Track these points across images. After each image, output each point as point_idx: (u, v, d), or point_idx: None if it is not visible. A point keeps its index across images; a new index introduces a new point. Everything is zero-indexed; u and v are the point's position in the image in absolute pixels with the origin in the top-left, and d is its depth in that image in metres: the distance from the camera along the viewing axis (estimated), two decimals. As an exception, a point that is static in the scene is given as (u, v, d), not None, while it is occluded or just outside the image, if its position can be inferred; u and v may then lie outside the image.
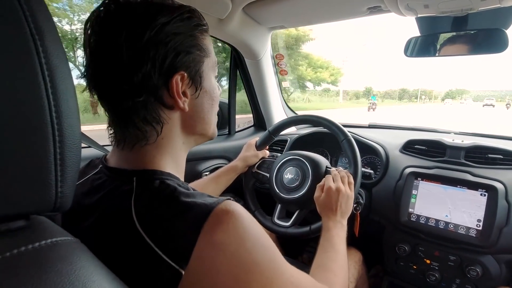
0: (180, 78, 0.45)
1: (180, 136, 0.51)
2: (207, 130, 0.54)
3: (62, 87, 0.30)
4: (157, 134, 0.47)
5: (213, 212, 0.38)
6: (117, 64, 0.42)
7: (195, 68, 0.48)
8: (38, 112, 0.29)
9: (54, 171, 0.30)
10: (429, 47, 1.05)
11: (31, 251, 0.28)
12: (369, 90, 57.87)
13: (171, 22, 0.44)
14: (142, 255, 0.38)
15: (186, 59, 0.46)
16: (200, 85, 0.49)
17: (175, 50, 0.44)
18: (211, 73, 0.52)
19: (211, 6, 0.94)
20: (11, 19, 0.27)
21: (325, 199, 0.80)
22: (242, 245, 0.38)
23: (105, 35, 0.42)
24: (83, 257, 0.31)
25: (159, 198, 0.41)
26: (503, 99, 59.55)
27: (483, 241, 0.86)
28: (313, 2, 1.00)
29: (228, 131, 1.51)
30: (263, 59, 1.38)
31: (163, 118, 0.46)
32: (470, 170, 0.95)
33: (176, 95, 0.45)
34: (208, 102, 0.52)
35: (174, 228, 0.38)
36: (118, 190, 0.45)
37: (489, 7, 0.80)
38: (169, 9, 0.44)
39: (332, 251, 0.68)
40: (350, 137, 0.92)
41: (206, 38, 0.50)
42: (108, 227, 0.42)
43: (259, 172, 1.09)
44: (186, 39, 0.46)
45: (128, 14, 0.43)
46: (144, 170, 0.46)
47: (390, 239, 1.05)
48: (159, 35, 0.43)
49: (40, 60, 0.29)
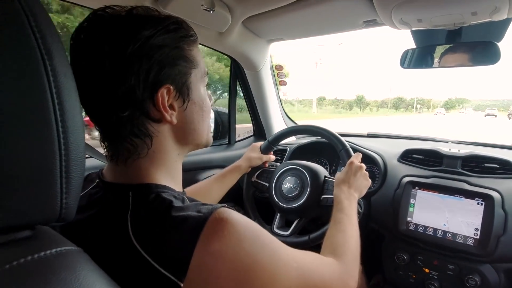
0: (166, 91, 0.45)
1: (174, 148, 0.50)
2: (200, 140, 0.54)
3: (68, 104, 0.32)
4: (148, 148, 0.46)
5: (207, 222, 0.39)
6: (100, 78, 0.42)
7: (181, 81, 0.47)
8: (46, 127, 0.30)
9: (60, 183, 0.32)
10: (425, 59, 1.07)
11: (36, 260, 0.29)
12: (360, 99, 54.79)
13: (155, 35, 0.43)
14: (140, 269, 0.38)
15: (171, 72, 0.45)
16: (188, 97, 0.48)
17: (160, 63, 0.44)
18: (200, 84, 0.51)
19: (211, 20, 0.96)
20: (23, 42, 0.29)
21: (346, 170, 0.83)
22: (241, 249, 0.38)
23: (89, 48, 0.42)
24: (86, 267, 0.32)
25: (154, 213, 0.41)
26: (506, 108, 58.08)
27: (481, 250, 0.87)
28: (311, 16, 1.03)
29: (228, 140, 1.53)
30: (262, 70, 1.41)
31: (151, 132, 0.46)
32: (467, 179, 0.96)
33: (163, 108, 0.45)
34: (198, 113, 0.51)
35: (170, 242, 0.39)
36: (114, 205, 0.45)
37: (480, 21, 0.83)
38: (154, 21, 0.44)
39: (342, 222, 0.69)
40: (348, 147, 0.94)
41: (193, 49, 0.49)
42: (105, 242, 0.42)
43: (258, 181, 1.10)
44: (172, 52, 0.45)
45: (111, 28, 0.42)
46: (139, 184, 0.46)
47: (389, 248, 1.06)
48: (143, 49, 0.42)
49: (49, 79, 0.30)
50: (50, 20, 0.32)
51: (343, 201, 0.76)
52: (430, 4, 0.76)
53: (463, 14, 0.79)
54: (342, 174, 0.83)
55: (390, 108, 63.69)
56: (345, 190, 0.79)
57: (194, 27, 0.52)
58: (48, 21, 0.32)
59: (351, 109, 49.48)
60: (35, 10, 0.30)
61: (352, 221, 0.71)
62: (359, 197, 0.82)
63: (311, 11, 0.97)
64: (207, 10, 0.89)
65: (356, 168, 0.83)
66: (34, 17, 0.30)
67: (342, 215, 0.71)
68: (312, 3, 0.92)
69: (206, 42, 1.14)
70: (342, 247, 0.62)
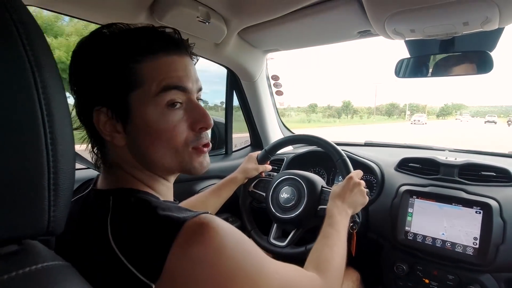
0: (101, 113, 0.44)
1: (140, 168, 0.49)
2: (155, 168, 0.48)
3: (57, 116, 0.32)
4: (111, 160, 0.48)
5: (185, 224, 0.38)
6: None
7: (117, 101, 0.44)
8: (34, 139, 0.30)
9: (48, 196, 0.31)
10: (419, 69, 1.08)
11: (21, 276, 0.28)
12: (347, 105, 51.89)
13: (99, 54, 0.43)
14: (117, 272, 0.38)
15: (105, 93, 0.43)
16: (129, 119, 0.44)
17: (94, 85, 0.43)
18: (150, 104, 0.44)
19: (207, 31, 0.97)
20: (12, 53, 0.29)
21: (343, 184, 0.83)
22: (222, 255, 0.37)
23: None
24: (73, 282, 0.31)
25: (132, 214, 0.41)
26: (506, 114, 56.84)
27: (480, 259, 0.86)
28: (306, 27, 1.04)
29: (225, 150, 1.53)
30: (258, 80, 1.42)
31: (107, 149, 0.48)
32: (464, 187, 0.96)
33: (99, 130, 0.45)
34: (145, 138, 0.45)
35: (145, 243, 0.38)
36: (98, 210, 0.45)
37: (472, 31, 0.84)
38: (102, 39, 0.44)
39: (331, 238, 0.69)
40: (345, 157, 0.94)
41: (142, 64, 0.43)
42: (87, 247, 0.42)
43: (255, 191, 1.09)
44: (107, 72, 0.43)
45: (81, 48, 0.46)
46: (120, 188, 0.46)
47: (388, 258, 1.04)
48: (80, 67, 0.44)
49: (38, 91, 0.30)
50: (41, 31, 0.32)
51: (335, 215, 0.75)
52: (422, 15, 0.77)
53: (455, 25, 0.81)
54: (338, 188, 0.83)
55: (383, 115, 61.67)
56: (338, 204, 0.78)
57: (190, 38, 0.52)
58: (39, 32, 0.32)
59: (339, 117, 47.71)
60: (25, 21, 0.30)
61: (340, 237, 0.70)
62: (353, 214, 0.81)
63: (306, 22, 0.98)
64: (203, 22, 0.90)
65: (354, 184, 0.82)
66: (24, 28, 0.30)
67: (332, 230, 0.71)
68: (307, 14, 0.94)
69: (202, 53, 1.15)
70: (326, 263, 0.61)
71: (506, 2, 0.68)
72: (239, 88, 1.45)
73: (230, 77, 1.44)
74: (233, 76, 1.42)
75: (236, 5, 0.91)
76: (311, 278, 0.54)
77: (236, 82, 1.43)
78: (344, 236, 0.71)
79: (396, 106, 63.71)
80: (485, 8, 0.70)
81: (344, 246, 0.69)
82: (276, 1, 0.86)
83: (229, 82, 1.46)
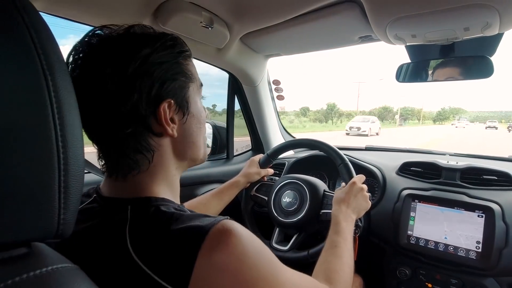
0: (167, 105, 0.46)
1: (173, 161, 0.51)
2: (198, 154, 0.55)
3: (68, 118, 0.32)
4: (149, 162, 0.47)
5: (209, 233, 0.38)
6: (103, 97, 0.43)
7: (181, 94, 0.49)
8: (46, 142, 0.30)
9: (58, 198, 0.31)
10: (420, 73, 1.09)
11: (32, 278, 0.28)
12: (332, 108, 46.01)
13: (154, 52, 0.45)
14: (140, 283, 0.38)
15: (172, 86, 0.47)
16: (187, 110, 0.50)
17: (161, 79, 0.45)
18: (197, 96, 0.53)
19: (210, 36, 0.98)
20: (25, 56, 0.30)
21: (346, 189, 0.83)
22: (244, 263, 0.38)
23: (89, 69, 0.43)
24: (83, 284, 0.31)
25: (154, 225, 0.41)
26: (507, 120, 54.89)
27: (483, 263, 0.86)
28: (307, 32, 1.05)
29: (227, 155, 1.53)
30: (260, 85, 1.42)
31: (153, 146, 0.47)
32: (466, 191, 0.96)
33: (165, 122, 0.46)
34: (196, 126, 0.53)
35: (172, 254, 0.38)
36: (112, 219, 0.44)
37: (472, 36, 0.85)
38: (151, 39, 0.46)
39: (339, 247, 0.68)
40: (347, 161, 0.94)
41: (190, 63, 0.51)
42: (102, 257, 0.42)
43: (257, 195, 1.09)
44: (171, 67, 0.47)
45: (111, 48, 0.44)
46: (138, 198, 0.46)
47: (390, 263, 1.04)
48: (143, 66, 0.43)
49: (50, 94, 0.30)
50: (52, 34, 0.33)
51: (341, 222, 0.75)
52: (424, 20, 0.78)
53: (455, 30, 0.82)
54: (342, 193, 0.83)
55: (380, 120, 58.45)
56: (343, 209, 0.78)
57: (193, 43, 0.53)
58: (50, 35, 0.32)
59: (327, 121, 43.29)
60: (37, 24, 0.31)
61: (348, 245, 0.70)
62: (357, 218, 0.81)
63: (307, 27, 0.99)
64: (206, 27, 0.90)
65: (358, 189, 0.82)
66: (36, 31, 0.30)
67: (339, 239, 0.71)
68: (309, 19, 0.94)
69: (205, 58, 1.16)
70: (336, 274, 0.62)
71: (507, 8, 0.69)
72: (240, 93, 1.46)
73: (232, 82, 1.45)
74: (235, 81, 1.42)
75: (239, 11, 0.92)
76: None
77: (238, 87, 1.44)
78: (350, 243, 0.71)
79: (389, 110, 58.11)
80: (486, 13, 0.71)
81: (351, 254, 0.69)
82: (279, 7, 0.87)
83: (231, 86, 1.47)
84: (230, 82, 1.46)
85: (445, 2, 0.71)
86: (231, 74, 1.38)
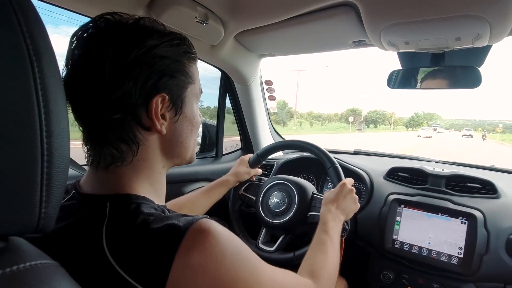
0: (160, 100, 0.45)
1: (159, 159, 0.50)
2: (185, 155, 0.54)
3: (54, 107, 0.30)
4: (133, 155, 0.46)
5: (187, 234, 0.37)
6: (98, 80, 0.42)
7: (177, 92, 0.48)
8: (29, 130, 0.29)
9: (40, 191, 0.30)
10: (410, 80, 1.11)
11: (9, 274, 0.27)
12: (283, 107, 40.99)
13: (159, 46, 0.44)
14: (114, 285, 0.36)
15: (169, 82, 0.46)
16: (181, 109, 0.49)
17: (160, 73, 0.45)
18: (194, 100, 0.52)
19: (204, 32, 0.97)
20: (11, 41, 0.28)
21: (336, 191, 0.83)
22: (222, 264, 0.37)
23: (91, 50, 0.42)
24: (63, 282, 0.30)
25: (131, 225, 0.40)
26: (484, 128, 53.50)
27: (464, 269, 0.88)
28: (302, 34, 1.05)
29: (215, 153, 1.51)
30: (252, 84, 1.42)
31: (139, 139, 0.46)
32: (451, 198, 0.98)
33: (154, 116, 0.45)
34: (188, 128, 0.52)
35: (147, 255, 0.37)
36: (89, 216, 0.43)
37: (463, 46, 0.87)
38: (159, 34, 0.46)
39: (325, 244, 0.69)
40: (337, 164, 0.94)
41: (193, 65, 0.51)
42: (79, 255, 0.40)
43: (246, 194, 1.09)
44: (172, 64, 0.46)
45: (117, 32, 0.43)
46: (118, 194, 0.44)
47: (375, 266, 1.05)
48: (145, 56, 0.43)
49: (36, 81, 0.29)
50: (41, 19, 0.31)
51: (329, 221, 0.75)
52: (418, 28, 0.79)
53: (447, 39, 0.83)
54: (331, 194, 0.83)
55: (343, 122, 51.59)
56: (332, 210, 0.79)
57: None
58: (38, 20, 0.31)
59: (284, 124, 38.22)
60: (25, 8, 0.29)
61: (334, 244, 0.71)
62: (345, 220, 0.82)
63: (302, 29, 0.99)
64: (200, 23, 0.89)
65: (347, 191, 0.83)
66: (24, 15, 0.29)
67: (326, 237, 0.71)
68: (304, 21, 0.94)
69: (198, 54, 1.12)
70: (321, 270, 0.62)
71: (498, 21, 0.71)
72: (232, 91, 1.45)
73: (224, 80, 1.44)
74: (227, 79, 1.41)
75: (235, 8, 0.91)
76: (307, 284, 0.54)
77: (230, 85, 1.43)
78: (337, 243, 0.72)
79: (358, 113, 54.07)
80: (477, 25, 0.73)
81: (337, 253, 0.70)
82: (275, 7, 0.86)
83: (223, 85, 1.46)
84: (222, 80, 1.45)
85: (439, 11, 0.72)
86: (224, 72, 1.37)
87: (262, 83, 1.51)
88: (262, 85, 1.52)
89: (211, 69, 1.34)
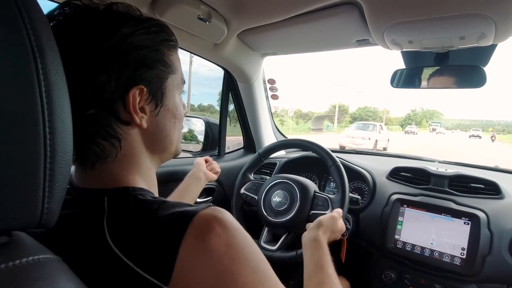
0: (138, 92, 0.43)
1: (145, 153, 0.48)
2: (170, 149, 0.51)
3: (57, 103, 0.30)
4: (116, 150, 0.43)
5: (194, 219, 0.36)
6: (69, 73, 0.36)
7: (157, 84, 0.45)
8: (32, 126, 0.29)
9: (43, 186, 0.30)
10: (414, 79, 1.10)
11: (11, 269, 0.27)
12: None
13: (135, 34, 0.41)
14: (121, 276, 0.36)
15: (147, 73, 0.43)
16: (162, 102, 0.46)
17: (136, 63, 0.42)
18: (176, 90, 0.50)
19: (207, 31, 0.97)
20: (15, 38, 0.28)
21: (327, 216, 0.81)
22: (230, 251, 0.36)
23: (58, 39, 0.37)
24: (65, 276, 0.30)
25: (134, 216, 0.39)
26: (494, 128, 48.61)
27: (467, 270, 0.87)
28: (306, 33, 1.05)
29: (218, 152, 1.52)
30: (255, 83, 1.42)
31: (119, 134, 0.43)
32: (454, 198, 0.98)
33: (132, 110, 0.43)
34: (171, 121, 0.49)
35: (153, 244, 0.36)
36: (86, 211, 0.42)
37: (467, 45, 0.86)
38: (134, 21, 0.43)
39: (324, 260, 0.68)
40: (339, 163, 0.94)
41: (173, 54, 0.48)
42: (80, 250, 0.39)
43: (247, 193, 1.09)
44: (150, 53, 0.43)
45: (87, 20, 0.40)
46: (115, 188, 0.43)
47: (377, 266, 1.05)
48: (119, 46, 0.40)
49: (39, 77, 0.29)
50: (44, 15, 0.31)
51: (320, 239, 0.73)
52: (422, 26, 0.79)
53: (451, 38, 0.82)
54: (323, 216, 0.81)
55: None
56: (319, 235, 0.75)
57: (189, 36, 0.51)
58: (42, 16, 0.31)
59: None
60: (29, 5, 0.29)
61: (329, 260, 0.69)
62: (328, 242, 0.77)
63: (306, 27, 0.99)
64: (204, 21, 0.89)
65: (335, 219, 0.81)
66: (28, 12, 0.29)
67: (321, 253, 0.69)
68: (308, 20, 0.94)
69: (201, 52, 1.14)
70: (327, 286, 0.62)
71: (503, 19, 0.70)
72: (235, 90, 1.45)
73: (227, 79, 1.43)
74: (230, 78, 1.41)
75: (238, 7, 0.91)
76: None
77: (233, 84, 1.43)
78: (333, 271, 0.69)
79: (346, 111, 46.73)
80: (482, 23, 0.72)
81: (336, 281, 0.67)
82: (278, 5, 0.86)
83: (226, 83, 1.46)
84: (225, 79, 1.45)
85: (443, 10, 0.72)
86: (227, 70, 1.37)
87: (265, 82, 1.51)
88: (265, 84, 1.52)
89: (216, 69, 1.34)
